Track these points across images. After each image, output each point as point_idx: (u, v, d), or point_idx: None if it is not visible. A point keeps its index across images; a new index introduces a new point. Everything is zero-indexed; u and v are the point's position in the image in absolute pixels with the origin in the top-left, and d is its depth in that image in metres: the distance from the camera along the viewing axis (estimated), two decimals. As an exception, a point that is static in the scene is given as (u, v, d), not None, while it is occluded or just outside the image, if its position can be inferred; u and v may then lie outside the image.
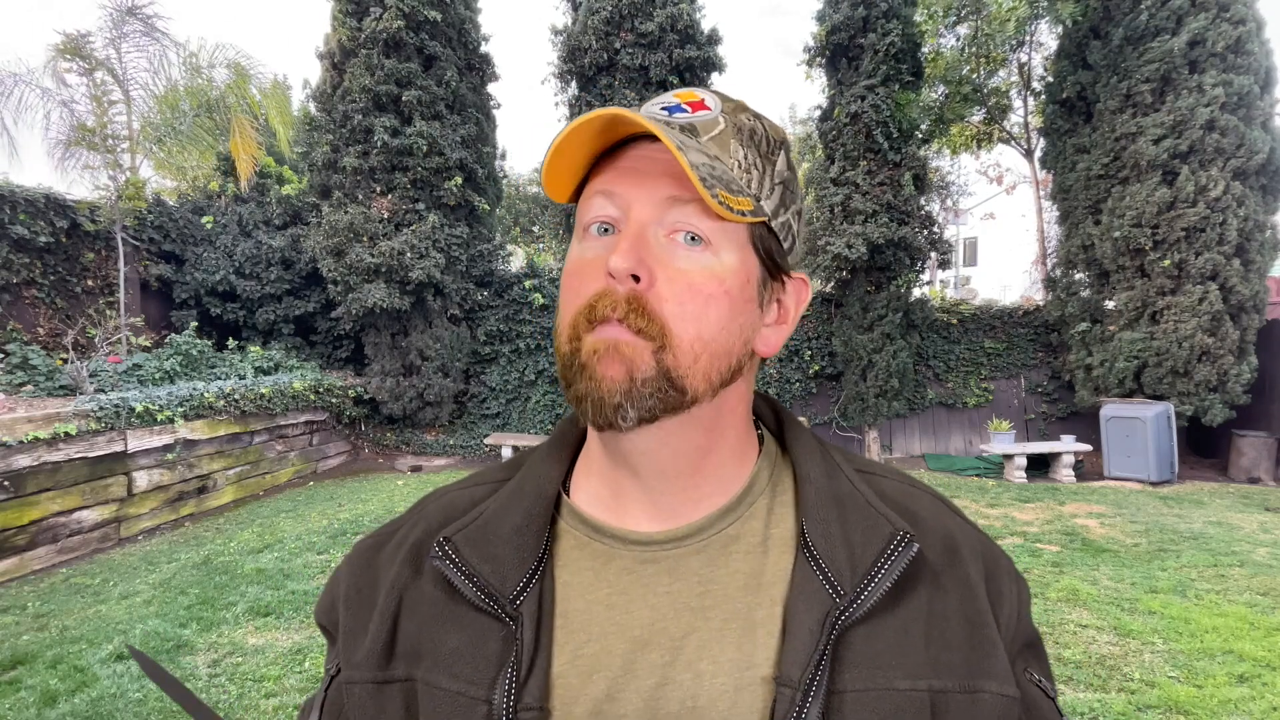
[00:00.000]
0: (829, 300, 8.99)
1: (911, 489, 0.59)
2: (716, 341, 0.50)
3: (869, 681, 0.47)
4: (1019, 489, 7.12)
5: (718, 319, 0.50)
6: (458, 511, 0.58)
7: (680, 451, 0.53)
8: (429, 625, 0.53)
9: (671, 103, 0.53)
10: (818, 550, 0.51)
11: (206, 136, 8.41)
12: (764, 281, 0.54)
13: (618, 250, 0.47)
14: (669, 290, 0.49)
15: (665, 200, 0.49)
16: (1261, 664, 3.15)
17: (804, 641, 0.48)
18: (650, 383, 0.48)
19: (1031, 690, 0.53)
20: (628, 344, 0.48)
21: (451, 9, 8.50)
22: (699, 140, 0.50)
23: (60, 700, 2.93)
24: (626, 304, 0.48)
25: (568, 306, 0.51)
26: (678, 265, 0.49)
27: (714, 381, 0.51)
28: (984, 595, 0.53)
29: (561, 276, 0.54)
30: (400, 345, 8.58)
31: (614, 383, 0.48)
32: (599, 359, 0.48)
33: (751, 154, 0.52)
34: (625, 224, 0.50)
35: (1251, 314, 7.42)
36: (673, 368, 0.49)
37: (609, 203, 0.50)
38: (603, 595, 0.52)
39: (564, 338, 0.51)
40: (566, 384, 0.51)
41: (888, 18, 7.89)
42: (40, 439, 4.77)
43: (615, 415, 0.48)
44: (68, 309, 7.62)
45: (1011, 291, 18.85)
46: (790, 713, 0.46)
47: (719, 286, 0.50)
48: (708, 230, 0.49)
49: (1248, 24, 7.19)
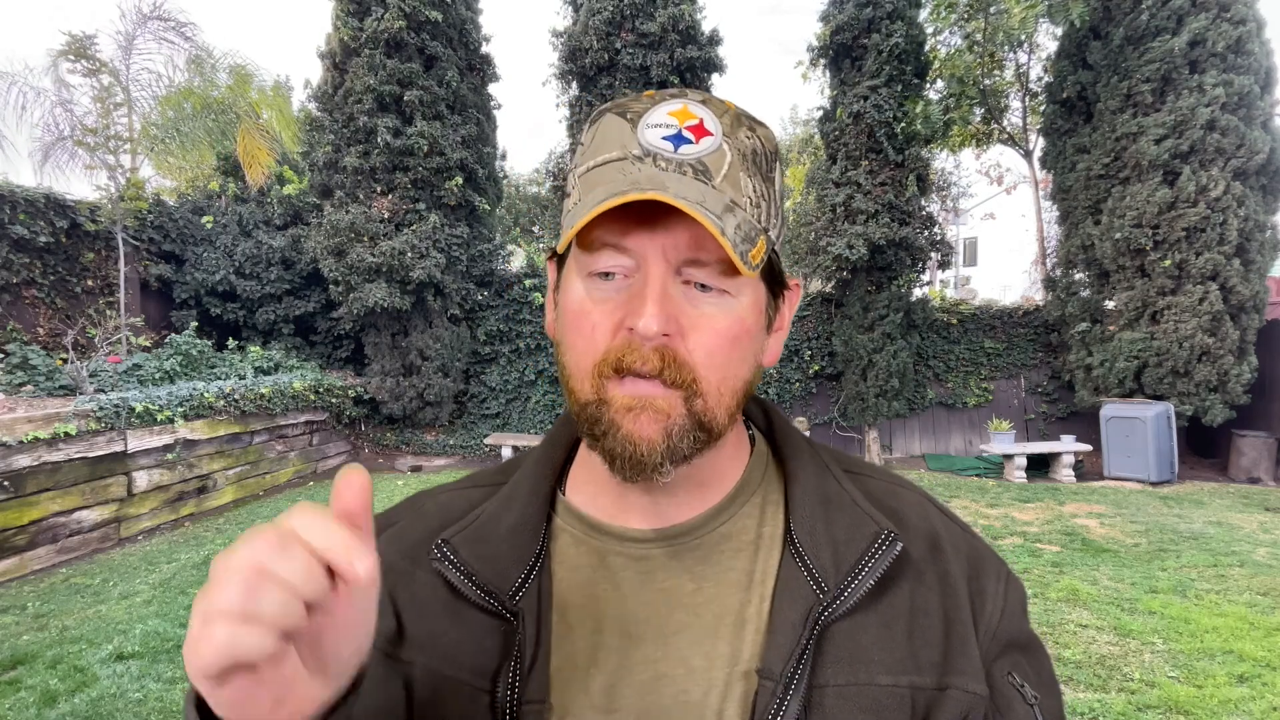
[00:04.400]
0: (829, 300, 8.99)
1: (898, 489, 0.60)
2: (738, 378, 0.51)
3: (851, 676, 0.48)
4: (1019, 489, 7.12)
5: (739, 358, 0.51)
6: (455, 514, 0.59)
7: (695, 473, 0.54)
8: (429, 618, 0.54)
9: (672, 129, 0.50)
10: (803, 547, 0.52)
11: (207, 137, 8.42)
12: (768, 303, 0.54)
13: (645, 312, 0.47)
14: (696, 340, 0.49)
15: (684, 261, 0.48)
16: (1261, 664, 3.15)
17: (787, 636, 0.49)
18: (685, 434, 0.49)
19: (1008, 691, 0.52)
20: (662, 398, 0.48)
21: (452, 9, 8.51)
22: (714, 183, 0.49)
23: (60, 700, 2.93)
24: (660, 358, 0.48)
25: (583, 351, 0.50)
26: (701, 312, 0.49)
27: (734, 413, 0.52)
28: (964, 593, 0.53)
29: (564, 307, 0.52)
30: (400, 345, 8.58)
31: (652, 444, 0.48)
32: (634, 418, 0.48)
33: (758, 183, 0.51)
34: (642, 275, 0.48)
35: (1251, 314, 7.42)
36: (703, 412, 0.49)
37: (621, 255, 0.49)
38: (599, 591, 0.53)
39: (585, 385, 0.50)
40: (592, 436, 0.50)
41: (892, 18, 7.89)
42: (40, 439, 4.77)
43: (653, 474, 0.49)
44: (68, 309, 7.62)
45: (1011, 291, 18.85)
46: (770, 705, 0.46)
47: (741, 328, 0.50)
48: (724, 283, 0.49)
49: (1248, 24, 7.19)
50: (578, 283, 0.51)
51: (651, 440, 0.48)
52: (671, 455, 0.49)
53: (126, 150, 7.71)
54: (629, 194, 0.45)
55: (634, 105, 0.52)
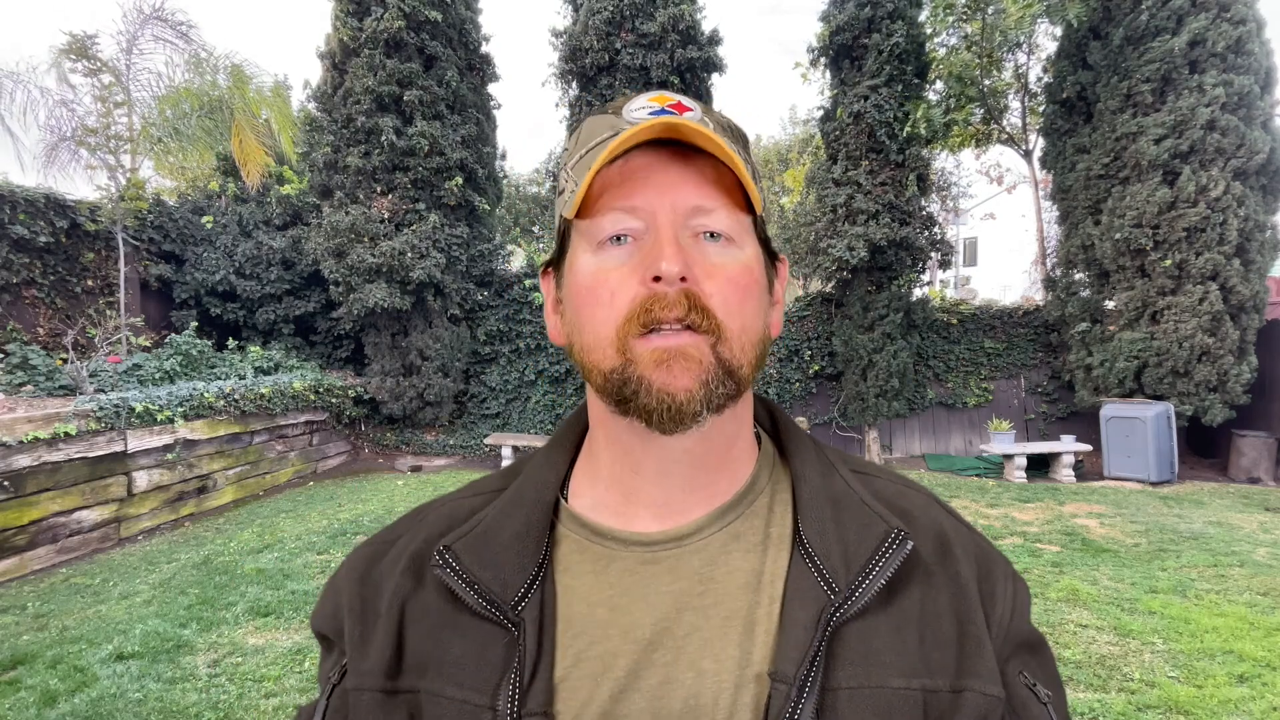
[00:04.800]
0: (829, 300, 8.98)
1: (906, 488, 0.60)
2: (754, 330, 0.52)
3: (863, 679, 0.47)
4: (1019, 489, 7.12)
5: (753, 309, 0.52)
6: (457, 520, 0.58)
7: (716, 446, 0.54)
8: (433, 635, 0.53)
9: (655, 107, 0.52)
10: (813, 548, 0.52)
11: (206, 137, 8.42)
12: (767, 267, 0.56)
13: (664, 255, 0.48)
14: (712, 286, 0.50)
15: (691, 209, 0.50)
16: (1261, 664, 3.15)
17: (799, 638, 0.48)
18: (719, 380, 0.50)
19: (1021, 692, 0.52)
20: (693, 346, 0.49)
21: (452, 9, 8.51)
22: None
23: (60, 700, 2.93)
24: (687, 301, 0.48)
25: (602, 318, 0.50)
26: (713, 261, 0.50)
27: (756, 367, 0.53)
28: (975, 594, 0.53)
29: (573, 291, 0.53)
30: (400, 345, 8.59)
31: (690, 392, 0.49)
32: (665, 370, 0.49)
33: (740, 149, 0.53)
34: (653, 232, 0.50)
35: (1251, 314, 7.41)
36: (729, 360, 0.50)
37: (630, 217, 0.50)
38: (604, 597, 0.53)
39: (609, 350, 0.50)
40: (621, 399, 0.50)
41: (892, 18, 7.89)
42: (40, 439, 4.77)
43: (692, 421, 0.49)
44: (68, 309, 7.62)
45: (1011, 291, 18.86)
46: (785, 709, 0.46)
47: (750, 278, 0.52)
48: (729, 228, 0.51)
49: (1248, 24, 7.19)
50: (587, 257, 0.52)
51: (689, 389, 0.49)
52: (709, 402, 0.49)
53: (127, 150, 7.70)
54: (640, 133, 0.48)
55: (613, 104, 0.54)
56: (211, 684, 3.07)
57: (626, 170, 0.51)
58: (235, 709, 2.87)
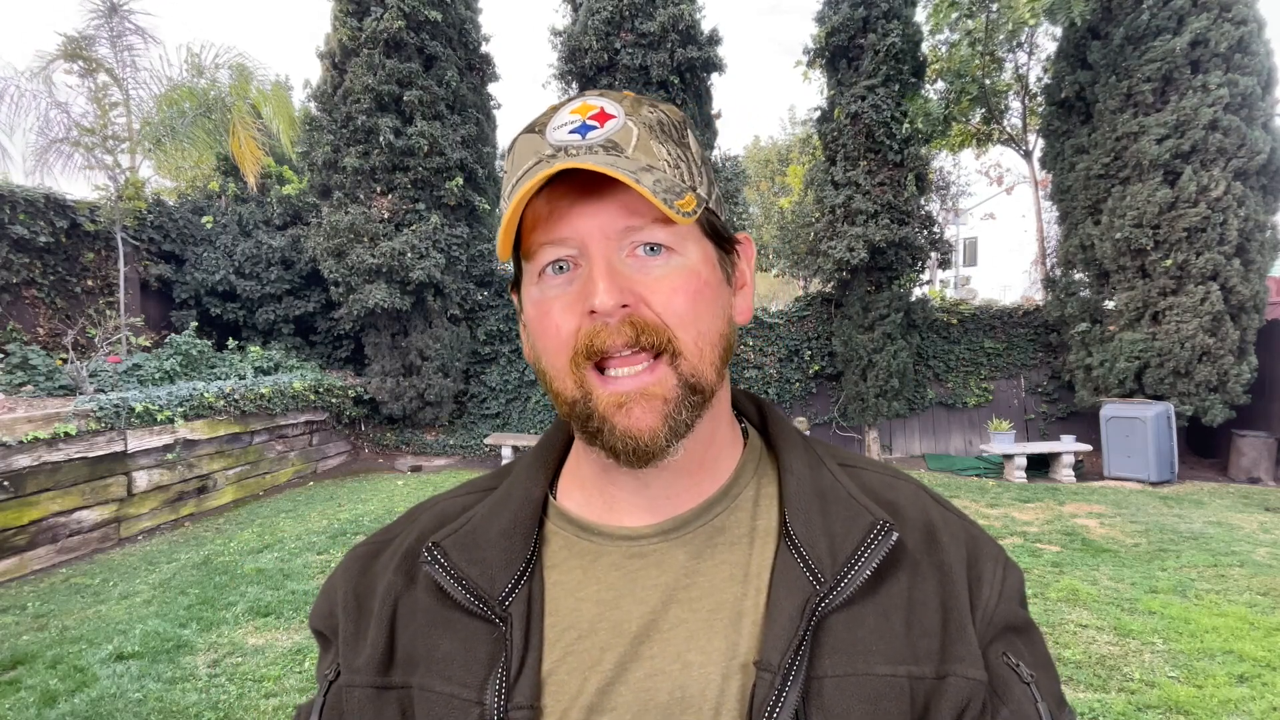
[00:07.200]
0: (829, 300, 8.98)
1: (893, 480, 0.60)
2: (712, 331, 0.52)
3: (849, 667, 0.48)
4: (1019, 489, 7.12)
5: (708, 311, 0.52)
6: (449, 519, 0.59)
7: (692, 452, 0.54)
8: (423, 631, 0.54)
9: (576, 123, 0.52)
10: (799, 539, 0.52)
11: (206, 137, 8.41)
12: (721, 259, 0.55)
13: (597, 291, 0.48)
14: (659, 302, 0.50)
15: (622, 230, 0.50)
16: (1261, 664, 3.15)
17: (784, 627, 0.48)
18: (681, 406, 0.50)
19: (1004, 673, 0.52)
20: (654, 383, 0.49)
21: (452, 9, 8.51)
22: (626, 154, 0.50)
23: (60, 700, 2.93)
24: (631, 328, 0.49)
25: (555, 350, 0.51)
26: (655, 275, 0.50)
27: (720, 368, 0.53)
28: (963, 580, 0.53)
29: (527, 318, 0.54)
30: (400, 345, 8.58)
31: (654, 432, 0.49)
32: (625, 413, 0.49)
33: (671, 147, 0.53)
34: (587, 260, 0.50)
35: (1252, 314, 7.41)
36: (689, 372, 0.50)
37: (561, 246, 0.50)
38: (592, 592, 0.53)
39: (565, 382, 0.51)
40: (586, 433, 0.52)
41: (888, 18, 7.89)
42: (40, 439, 4.77)
43: (662, 455, 0.50)
44: (68, 309, 7.62)
45: (1011, 291, 18.86)
46: (769, 697, 0.46)
47: (698, 281, 0.51)
48: (666, 238, 0.51)
49: (1249, 24, 7.19)
50: (533, 289, 0.53)
51: (653, 429, 0.49)
52: (676, 434, 0.50)
53: (125, 150, 7.69)
54: (540, 171, 0.47)
55: (540, 118, 0.54)
56: (211, 684, 3.08)
57: (552, 200, 0.50)
58: (235, 709, 2.88)
